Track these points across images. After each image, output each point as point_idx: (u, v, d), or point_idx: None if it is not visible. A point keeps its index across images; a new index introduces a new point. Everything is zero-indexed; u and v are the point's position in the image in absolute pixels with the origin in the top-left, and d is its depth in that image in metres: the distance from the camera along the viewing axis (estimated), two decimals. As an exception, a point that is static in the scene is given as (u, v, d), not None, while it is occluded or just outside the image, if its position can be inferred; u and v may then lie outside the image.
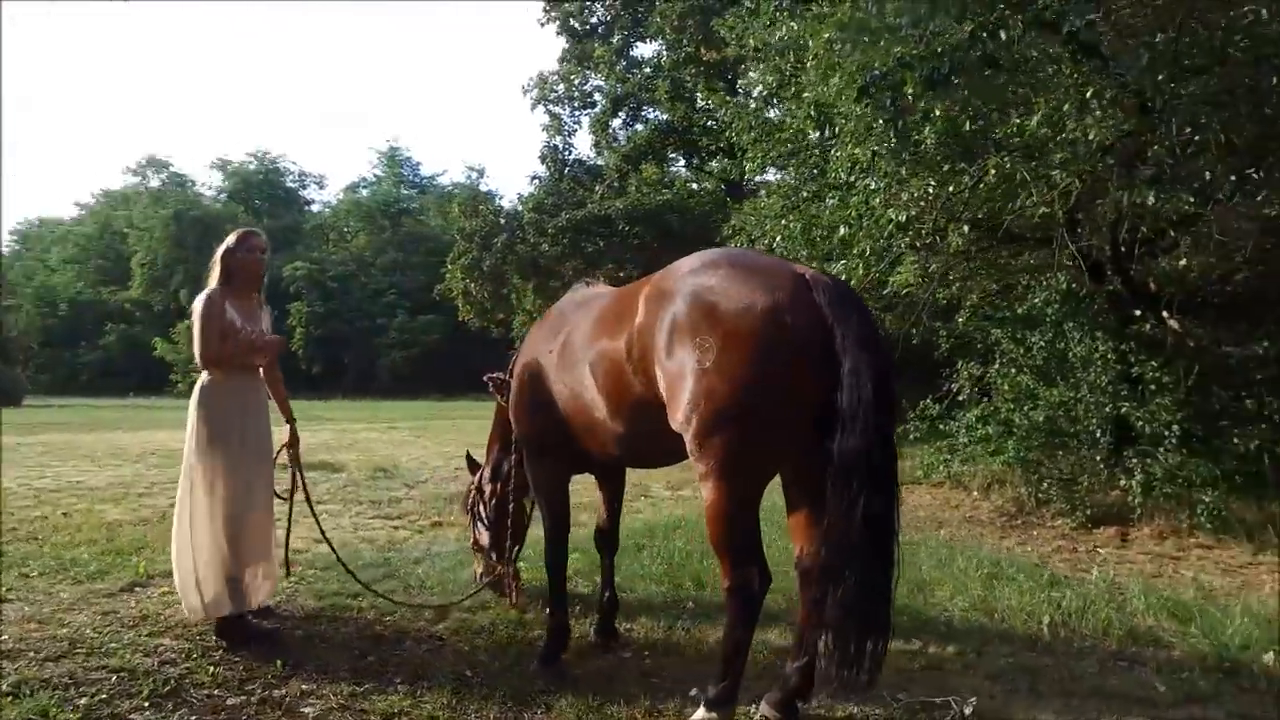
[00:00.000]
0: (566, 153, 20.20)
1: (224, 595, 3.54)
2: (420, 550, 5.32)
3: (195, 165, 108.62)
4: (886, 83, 4.46)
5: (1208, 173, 5.22)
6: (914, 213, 6.28)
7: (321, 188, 65.96)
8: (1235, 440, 6.24)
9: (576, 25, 19.64)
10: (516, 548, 4.07)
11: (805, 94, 6.40)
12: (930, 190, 6.70)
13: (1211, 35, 4.42)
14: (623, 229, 15.09)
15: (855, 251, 7.24)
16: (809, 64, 6.61)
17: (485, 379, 3.92)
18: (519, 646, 3.58)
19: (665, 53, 16.45)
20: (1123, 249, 6.70)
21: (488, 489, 4.13)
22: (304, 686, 3.11)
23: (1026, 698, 3.05)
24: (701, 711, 2.67)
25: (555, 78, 21.98)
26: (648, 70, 19.17)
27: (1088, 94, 4.74)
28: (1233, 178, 5.69)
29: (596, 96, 22.25)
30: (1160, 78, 4.07)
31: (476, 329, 21.68)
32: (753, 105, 9.68)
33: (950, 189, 6.67)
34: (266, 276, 3.98)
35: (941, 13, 4.32)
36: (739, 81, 11.32)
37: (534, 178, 20.84)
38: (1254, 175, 5.98)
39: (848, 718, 2.91)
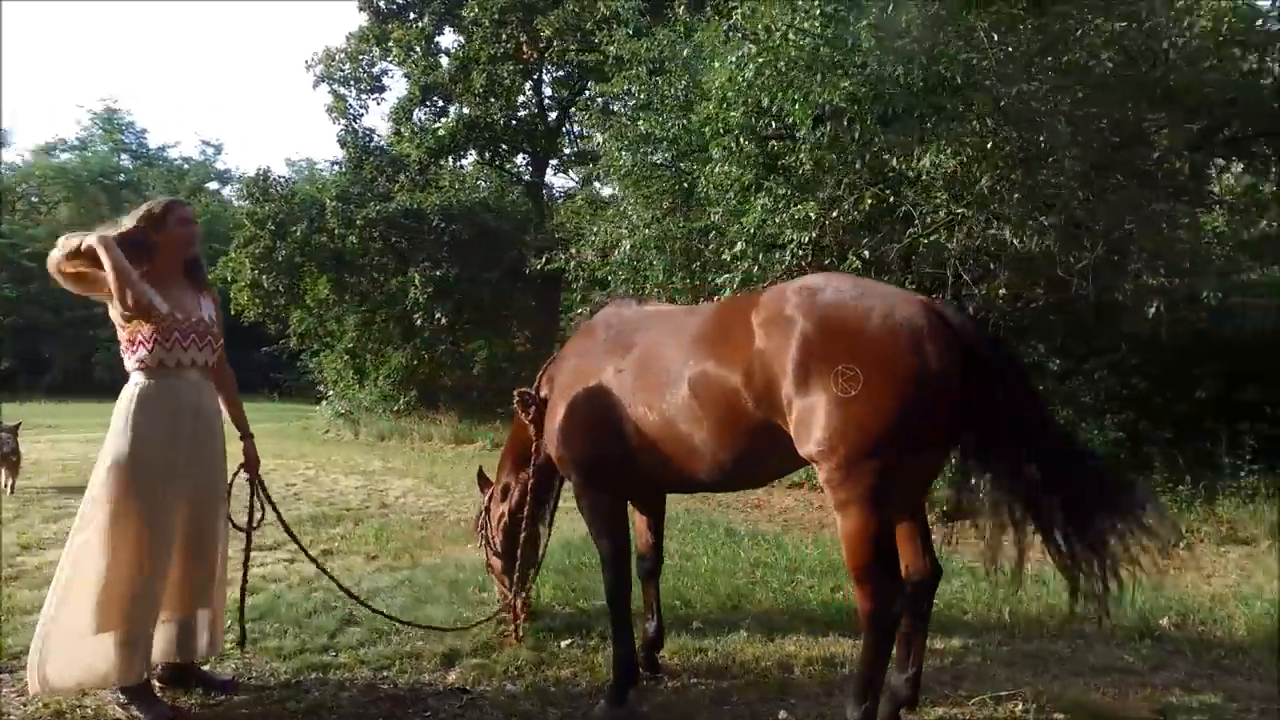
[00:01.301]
0: (367, 139, 18.68)
1: (133, 656, 2.84)
2: (352, 586, 4.64)
3: None
4: (847, 114, 4.79)
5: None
6: (814, 234, 6.71)
7: (3, 145, 54.12)
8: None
9: (382, 4, 18.22)
10: (532, 574, 3.80)
11: (733, 112, 6.55)
12: (812, 214, 7.22)
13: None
14: (437, 225, 14.26)
15: (741, 267, 7.57)
16: (717, 83, 6.82)
17: (517, 394, 3.55)
18: (562, 689, 3.30)
19: (480, 46, 15.81)
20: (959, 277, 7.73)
21: (496, 511, 3.82)
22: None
23: (1051, 681, 3.42)
24: (841, 738, 2.68)
25: (343, 55, 20.22)
26: (446, 61, 18.33)
27: (988, 145, 5.47)
28: (1029, 221, 6.86)
29: (386, 81, 20.89)
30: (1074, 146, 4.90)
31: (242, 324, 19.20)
32: (621, 114, 9.70)
33: (835, 214, 7.21)
34: (204, 260, 3.42)
35: (900, 59, 4.75)
36: (598, 88, 11.24)
37: (334, 163, 19.01)
38: (1040, 220, 7.27)
39: (937, 721, 3.06)
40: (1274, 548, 6.47)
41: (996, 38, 4.88)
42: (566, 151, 20.96)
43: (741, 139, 6.84)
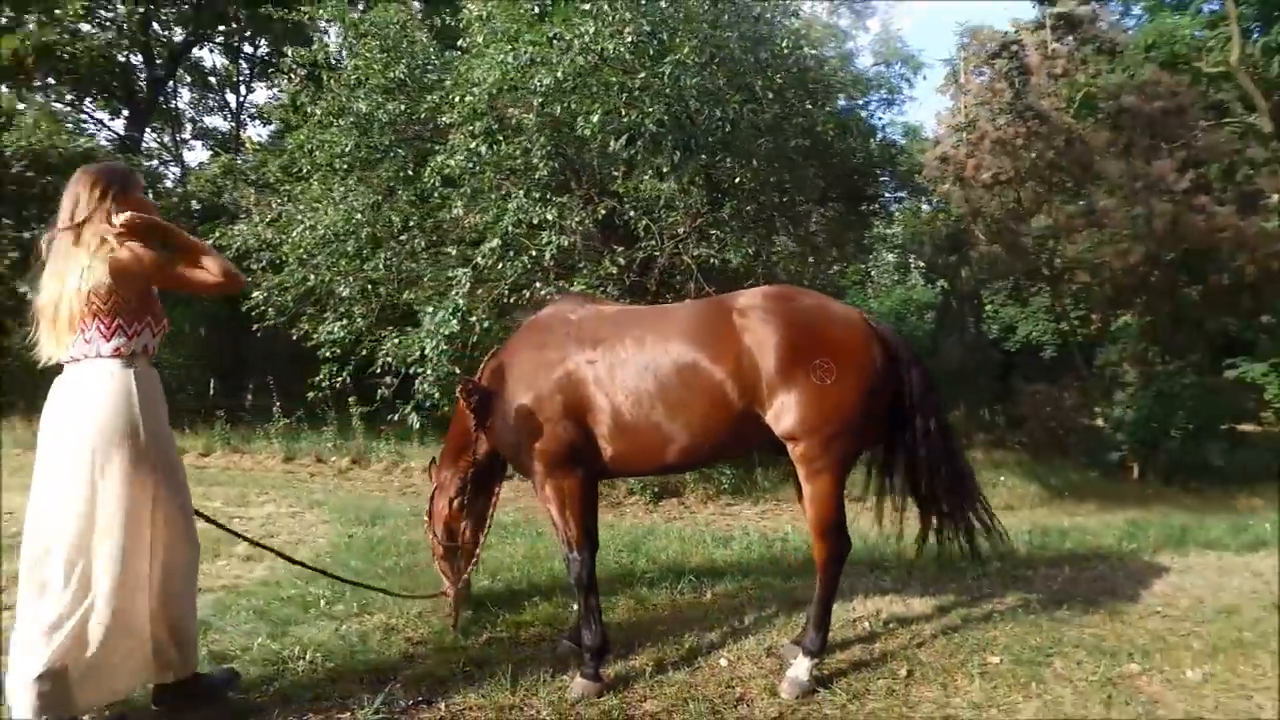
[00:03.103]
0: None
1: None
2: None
3: None
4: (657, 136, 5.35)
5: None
6: (573, 239, 7.16)
7: None
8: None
9: None
10: (473, 564, 3.73)
11: (527, 117, 6.58)
12: (551, 218, 7.67)
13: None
14: (20, 173, 11.01)
15: (485, 263, 7.64)
16: (489, 79, 6.84)
17: (460, 384, 3.43)
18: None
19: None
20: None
21: (440, 502, 3.71)
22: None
23: (923, 598, 4.40)
24: (807, 661, 3.26)
25: None
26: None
27: (736, 179, 6.61)
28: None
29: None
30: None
31: None
32: (335, 88, 8.78)
33: (576, 220, 7.75)
34: None
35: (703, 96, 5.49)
36: (296, 53, 9.80)
37: None
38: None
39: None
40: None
41: (771, 96, 6.01)
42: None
43: (500, 137, 6.99)
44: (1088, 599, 4.42)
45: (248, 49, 19.67)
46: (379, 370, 7.91)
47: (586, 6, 6.04)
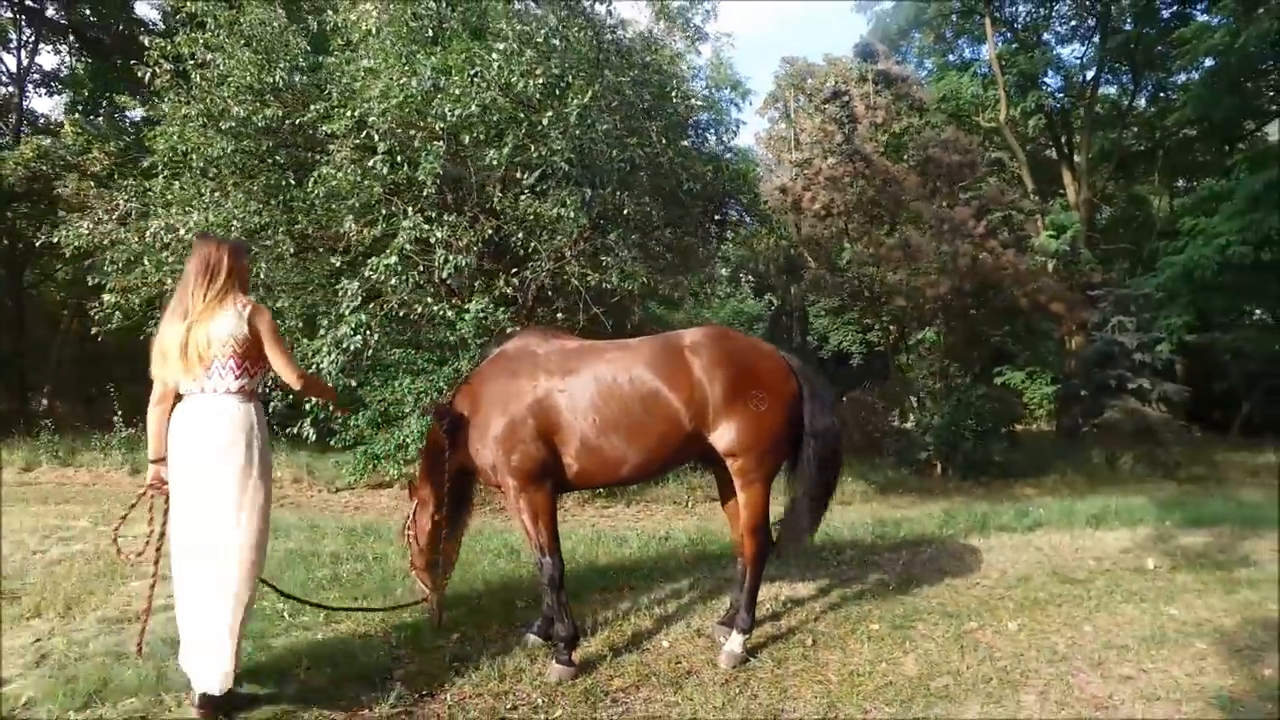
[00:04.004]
0: None
1: None
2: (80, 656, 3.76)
3: None
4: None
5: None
6: (469, 259, 7.48)
7: None
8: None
9: None
10: (448, 574, 4.18)
11: (421, 136, 6.76)
12: (439, 234, 7.94)
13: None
14: None
15: (375, 278, 7.77)
16: (393, 99, 6.99)
17: (435, 407, 3.84)
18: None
19: None
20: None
21: (423, 516, 4.05)
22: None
23: (802, 582, 5.23)
24: (740, 637, 3.98)
25: None
26: None
27: (624, 211, 7.28)
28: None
29: None
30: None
31: None
32: (204, 85, 8.36)
33: (467, 241, 8.08)
34: None
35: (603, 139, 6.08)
36: (160, 45, 9.07)
37: None
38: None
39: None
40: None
41: (665, 141, 6.72)
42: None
43: (400, 158, 7.19)
44: (927, 575, 5.54)
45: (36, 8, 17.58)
46: (267, 383, 7.76)
47: (501, 46, 6.42)
